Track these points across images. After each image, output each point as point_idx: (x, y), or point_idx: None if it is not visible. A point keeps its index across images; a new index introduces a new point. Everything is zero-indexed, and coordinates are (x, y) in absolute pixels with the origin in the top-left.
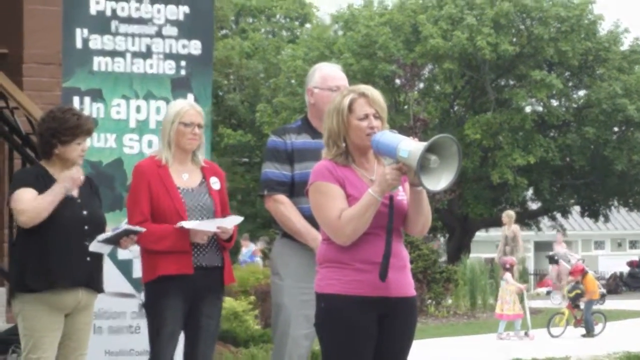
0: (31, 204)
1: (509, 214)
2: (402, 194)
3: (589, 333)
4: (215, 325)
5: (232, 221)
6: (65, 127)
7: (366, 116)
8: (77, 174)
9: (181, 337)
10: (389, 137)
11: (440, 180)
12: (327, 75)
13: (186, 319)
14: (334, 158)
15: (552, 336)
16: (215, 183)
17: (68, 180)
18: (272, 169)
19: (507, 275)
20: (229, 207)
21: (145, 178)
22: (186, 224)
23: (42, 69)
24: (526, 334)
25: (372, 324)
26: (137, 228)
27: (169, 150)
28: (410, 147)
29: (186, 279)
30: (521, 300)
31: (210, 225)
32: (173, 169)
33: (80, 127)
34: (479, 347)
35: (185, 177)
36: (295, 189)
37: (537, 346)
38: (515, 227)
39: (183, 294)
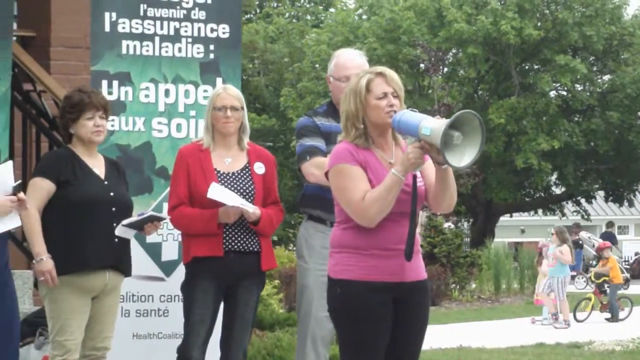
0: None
1: None
2: (420, 180)
3: (614, 317)
4: (252, 312)
5: (252, 207)
6: (71, 104)
7: (385, 95)
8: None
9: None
10: (410, 115)
11: (464, 156)
12: (340, 64)
13: (224, 305)
14: (354, 140)
15: (578, 321)
16: (259, 168)
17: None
18: (305, 141)
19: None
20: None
21: (185, 162)
22: (216, 186)
23: (70, 52)
24: (555, 318)
25: (388, 309)
26: (162, 215)
27: (209, 135)
28: (433, 124)
29: (218, 262)
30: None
31: (234, 199)
32: (216, 153)
33: (83, 101)
34: (503, 331)
35: (228, 162)
36: None
37: (562, 331)
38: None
39: (215, 277)
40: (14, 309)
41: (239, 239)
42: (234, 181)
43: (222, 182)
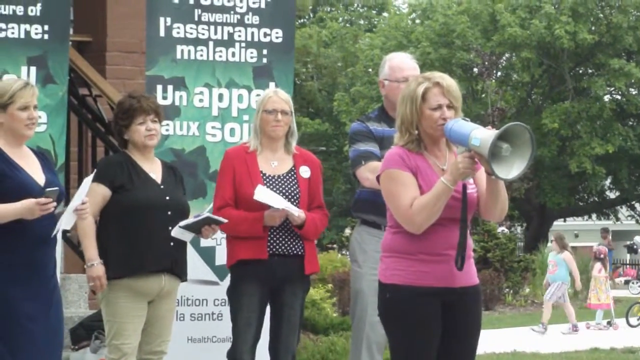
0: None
1: None
2: (473, 187)
3: None
4: (298, 316)
5: (297, 210)
6: (122, 110)
7: (439, 106)
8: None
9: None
10: (461, 125)
11: (512, 169)
12: (396, 66)
13: (270, 308)
14: (406, 145)
15: (631, 326)
16: (305, 171)
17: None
18: (359, 146)
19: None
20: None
21: (231, 164)
22: (262, 188)
23: (126, 57)
24: (609, 323)
25: (437, 314)
26: (219, 218)
27: (257, 138)
28: (482, 135)
29: (262, 264)
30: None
31: (279, 202)
32: (262, 156)
33: (132, 107)
34: (557, 336)
35: (274, 165)
36: None
37: (616, 336)
38: None
39: (260, 280)
40: (60, 313)
41: (284, 242)
42: (280, 184)
43: (268, 184)
